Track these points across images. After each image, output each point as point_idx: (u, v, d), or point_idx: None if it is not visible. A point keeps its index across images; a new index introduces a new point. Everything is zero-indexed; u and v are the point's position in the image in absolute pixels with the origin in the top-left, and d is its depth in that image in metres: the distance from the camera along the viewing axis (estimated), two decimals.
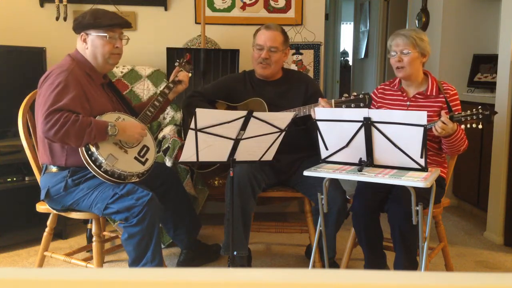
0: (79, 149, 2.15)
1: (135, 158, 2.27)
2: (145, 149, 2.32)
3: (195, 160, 2.08)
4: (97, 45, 2.28)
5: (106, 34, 2.28)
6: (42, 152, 2.30)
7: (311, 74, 3.74)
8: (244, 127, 2.06)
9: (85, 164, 2.16)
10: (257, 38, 2.69)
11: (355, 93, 2.43)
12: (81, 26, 2.29)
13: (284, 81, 2.75)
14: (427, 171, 2.02)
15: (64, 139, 2.08)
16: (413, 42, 2.36)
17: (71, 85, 2.15)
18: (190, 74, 2.65)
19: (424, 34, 2.42)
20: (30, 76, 2.24)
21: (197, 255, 2.78)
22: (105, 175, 2.16)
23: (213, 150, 2.09)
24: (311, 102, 2.57)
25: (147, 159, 2.31)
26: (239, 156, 2.15)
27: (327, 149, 2.18)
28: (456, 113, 2.25)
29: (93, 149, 2.14)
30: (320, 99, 2.43)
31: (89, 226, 2.92)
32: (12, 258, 2.91)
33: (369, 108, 2.35)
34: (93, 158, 2.14)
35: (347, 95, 2.44)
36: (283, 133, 2.16)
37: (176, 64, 2.65)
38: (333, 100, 2.43)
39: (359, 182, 2.39)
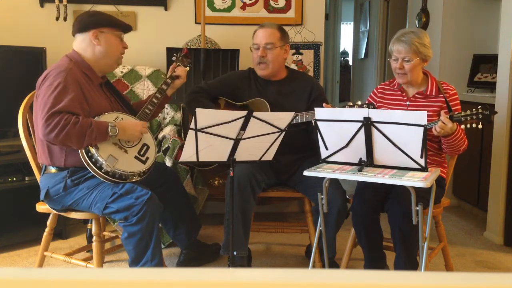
0: (79, 151, 2.15)
1: (136, 157, 2.27)
2: (145, 147, 2.32)
3: (195, 160, 2.08)
4: (112, 44, 2.30)
5: (121, 33, 2.33)
6: (41, 153, 2.29)
7: (311, 74, 3.74)
8: (244, 127, 2.06)
9: (86, 165, 2.16)
10: (253, 38, 2.68)
11: (359, 102, 2.42)
12: (96, 23, 2.27)
13: (289, 81, 2.73)
14: (427, 171, 2.02)
15: (65, 141, 2.08)
16: (415, 49, 2.32)
17: (70, 85, 2.13)
18: (188, 69, 2.61)
19: (426, 36, 2.39)
20: (30, 76, 2.24)
21: (197, 255, 2.78)
22: (106, 176, 2.16)
23: (213, 150, 2.09)
24: (315, 105, 2.54)
25: (147, 158, 2.30)
26: (239, 156, 2.15)
27: (327, 149, 2.18)
28: (456, 113, 2.25)
29: (93, 150, 2.13)
30: (324, 104, 2.43)
31: (89, 226, 2.92)
32: (12, 258, 2.91)
33: None
34: (93, 159, 2.14)
35: (351, 104, 2.43)
36: (283, 133, 2.16)
37: (173, 58, 2.62)
38: (336, 108, 2.42)
39: (359, 182, 2.39)
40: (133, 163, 2.24)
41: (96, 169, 2.14)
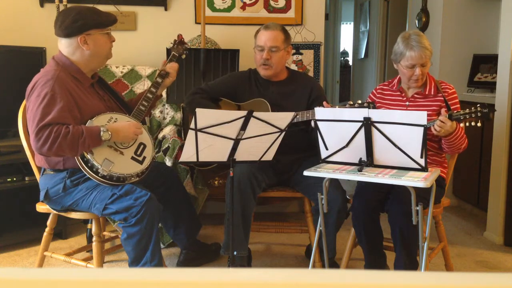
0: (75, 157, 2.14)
1: (132, 158, 2.25)
2: (142, 147, 2.29)
3: (195, 160, 2.08)
4: (101, 44, 2.24)
5: (108, 31, 2.26)
6: (39, 158, 2.27)
7: (311, 74, 3.74)
8: (244, 127, 2.06)
9: (83, 170, 2.15)
10: (257, 39, 2.67)
11: (359, 101, 2.41)
12: (82, 28, 2.18)
13: (289, 82, 2.73)
14: (427, 171, 2.02)
15: (58, 153, 2.06)
16: (430, 54, 2.33)
17: (58, 94, 2.09)
18: (184, 56, 2.57)
19: None
20: (30, 76, 2.22)
21: (197, 255, 2.78)
22: (103, 180, 2.14)
23: (213, 150, 2.09)
24: (315, 105, 2.55)
25: (144, 157, 2.28)
26: (239, 156, 2.15)
27: (327, 149, 2.18)
28: (455, 111, 2.25)
29: (88, 156, 2.12)
30: (324, 103, 2.42)
31: (89, 226, 2.92)
32: (12, 258, 2.91)
33: None
34: (89, 164, 2.13)
35: (351, 103, 2.42)
36: (283, 133, 2.16)
37: (168, 47, 2.56)
38: (337, 106, 2.42)
39: (359, 182, 2.39)
40: (129, 165, 2.22)
41: (92, 174, 2.13)
